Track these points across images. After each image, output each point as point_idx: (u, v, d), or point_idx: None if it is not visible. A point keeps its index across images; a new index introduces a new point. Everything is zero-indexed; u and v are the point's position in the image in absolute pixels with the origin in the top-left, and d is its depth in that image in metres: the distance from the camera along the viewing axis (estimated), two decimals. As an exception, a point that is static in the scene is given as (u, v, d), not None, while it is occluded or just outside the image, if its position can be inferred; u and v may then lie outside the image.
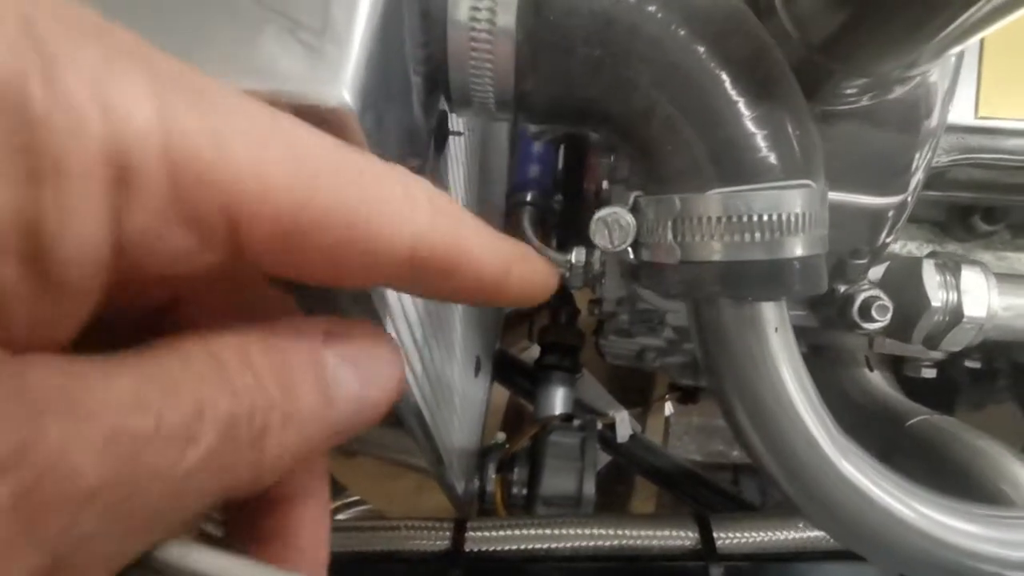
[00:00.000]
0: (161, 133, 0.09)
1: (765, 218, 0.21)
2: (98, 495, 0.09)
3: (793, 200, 0.21)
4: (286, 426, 0.12)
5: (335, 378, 0.14)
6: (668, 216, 0.21)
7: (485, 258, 0.15)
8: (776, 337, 0.23)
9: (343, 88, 0.17)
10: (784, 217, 0.21)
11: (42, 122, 0.08)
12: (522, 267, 0.17)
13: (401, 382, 0.16)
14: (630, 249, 0.23)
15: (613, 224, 0.22)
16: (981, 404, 0.64)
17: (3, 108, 0.08)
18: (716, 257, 0.21)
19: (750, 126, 0.21)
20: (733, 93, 0.21)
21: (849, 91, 0.26)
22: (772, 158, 0.21)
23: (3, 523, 0.08)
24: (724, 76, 0.21)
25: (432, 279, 0.15)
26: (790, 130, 0.21)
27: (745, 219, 0.21)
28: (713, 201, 0.21)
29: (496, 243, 0.16)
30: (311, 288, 0.14)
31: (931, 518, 0.24)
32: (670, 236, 0.21)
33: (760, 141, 0.21)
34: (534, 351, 0.94)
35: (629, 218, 0.22)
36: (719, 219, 0.21)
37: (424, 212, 0.14)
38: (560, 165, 0.73)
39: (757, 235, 0.21)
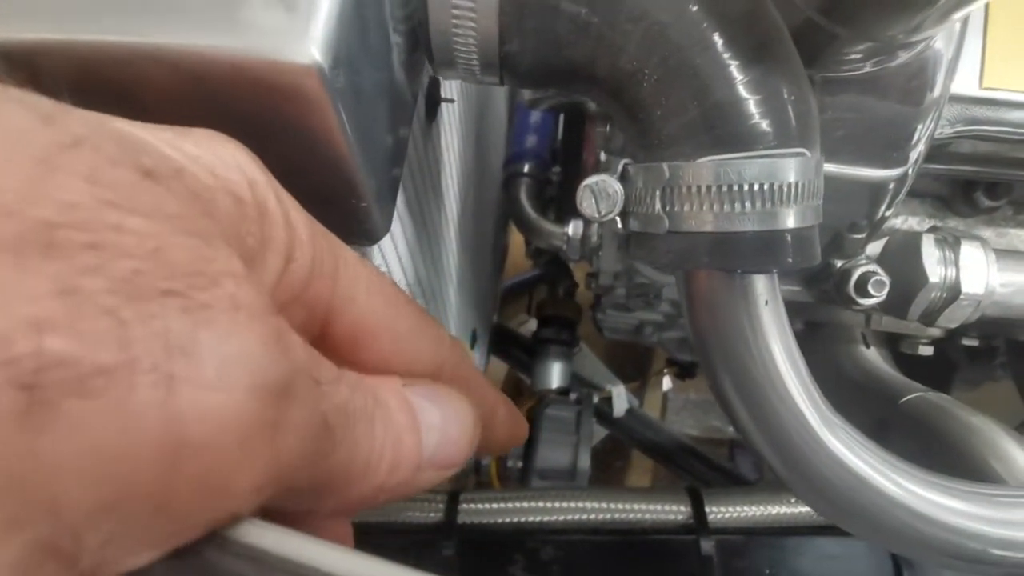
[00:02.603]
0: (311, 243, 0.16)
1: (757, 187, 0.20)
2: None
3: (787, 169, 0.20)
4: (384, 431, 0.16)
5: (419, 405, 0.17)
6: (656, 185, 0.21)
7: (485, 388, 0.21)
8: (767, 311, 0.22)
9: (312, 45, 0.16)
10: (777, 187, 0.20)
11: (270, 211, 0.15)
12: (508, 409, 0.23)
13: (478, 429, 0.19)
14: (618, 219, 0.22)
15: (600, 192, 0.22)
16: (977, 383, 0.63)
17: (257, 200, 0.15)
18: (706, 228, 0.20)
19: (743, 90, 0.20)
20: (726, 55, 0.20)
21: (852, 57, 0.25)
22: (765, 124, 0.20)
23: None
24: (716, 37, 0.20)
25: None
26: (785, 95, 0.20)
27: (736, 188, 0.20)
28: (703, 169, 0.20)
29: (489, 386, 0.22)
30: None
31: (917, 494, 0.23)
32: (658, 205, 0.21)
33: (753, 107, 0.20)
34: (532, 325, 0.94)
35: (617, 186, 0.22)
36: (709, 188, 0.20)
37: (447, 348, 0.20)
38: (559, 136, 0.71)
39: (748, 205, 0.20)
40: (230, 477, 0.12)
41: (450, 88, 0.46)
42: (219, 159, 0.15)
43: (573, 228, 0.62)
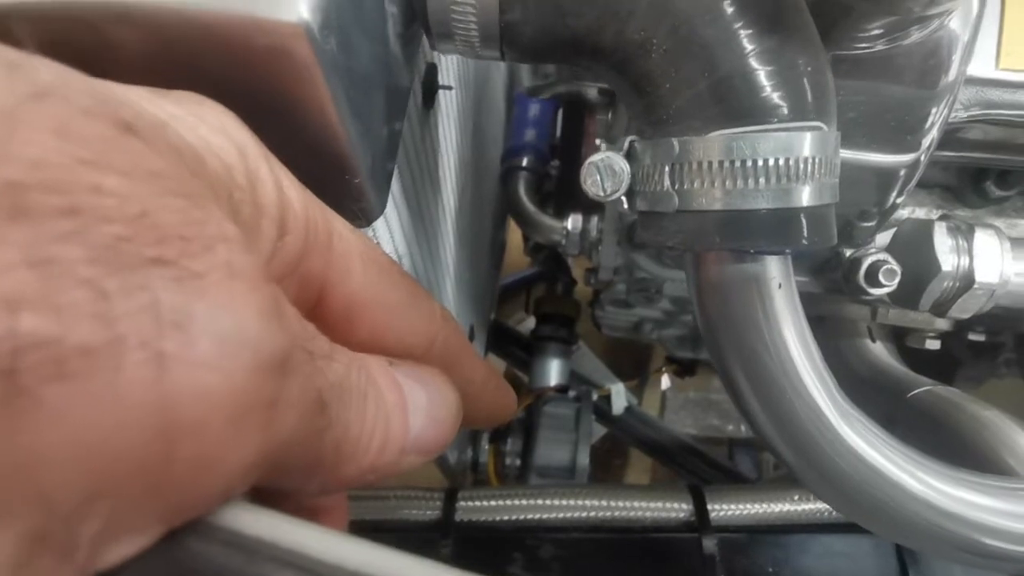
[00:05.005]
0: (304, 214, 0.15)
1: (771, 162, 0.19)
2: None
3: (802, 143, 0.19)
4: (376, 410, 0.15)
5: (406, 385, 0.16)
6: (665, 161, 0.20)
7: (476, 360, 0.21)
8: (779, 294, 0.21)
9: (299, 1, 0.15)
10: (792, 162, 0.19)
11: (262, 179, 0.14)
12: (498, 381, 0.23)
13: (460, 413, 0.18)
14: (624, 198, 0.21)
15: (605, 170, 0.21)
16: (980, 380, 0.63)
17: (248, 167, 0.14)
18: (717, 205, 0.19)
19: (756, 61, 0.19)
20: (738, 24, 0.19)
21: (866, 33, 0.24)
22: (779, 97, 0.19)
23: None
24: (728, 5, 0.19)
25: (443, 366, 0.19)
26: (801, 66, 0.19)
27: (749, 164, 0.19)
28: (714, 144, 0.19)
29: (479, 359, 0.22)
30: None
31: (937, 488, 0.23)
32: (667, 183, 0.20)
33: (767, 78, 0.19)
34: (530, 324, 0.93)
35: (623, 164, 0.21)
36: (720, 163, 0.19)
37: (440, 320, 0.19)
38: (557, 130, 0.70)
39: (762, 181, 0.19)
40: (224, 456, 0.11)
41: (448, 77, 0.45)
42: (203, 122, 0.14)
43: (572, 222, 0.61)
